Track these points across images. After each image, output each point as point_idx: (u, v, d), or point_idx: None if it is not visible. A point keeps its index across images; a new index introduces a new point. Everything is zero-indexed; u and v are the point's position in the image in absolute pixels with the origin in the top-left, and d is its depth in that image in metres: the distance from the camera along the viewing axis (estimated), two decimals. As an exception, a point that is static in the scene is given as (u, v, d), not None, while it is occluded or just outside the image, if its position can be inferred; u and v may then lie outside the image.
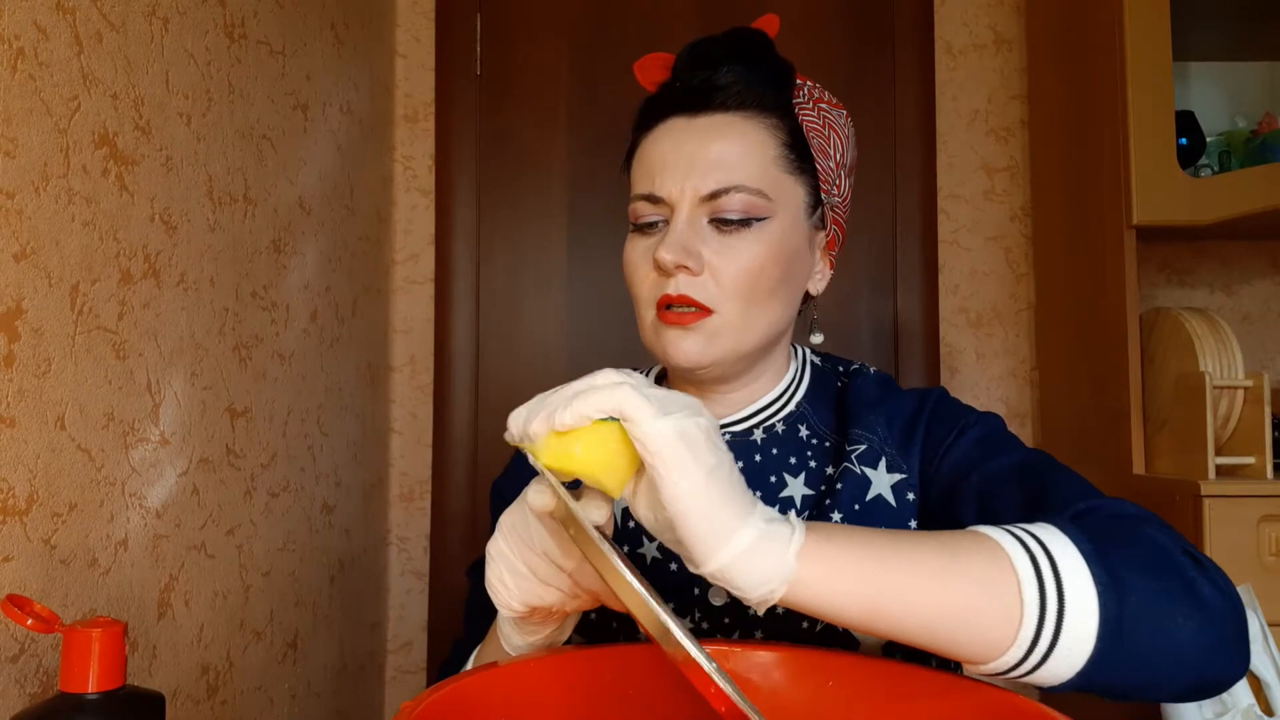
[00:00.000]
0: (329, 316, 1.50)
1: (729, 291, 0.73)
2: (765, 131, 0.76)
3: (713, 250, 0.73)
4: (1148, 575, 0.53)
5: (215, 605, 1.11)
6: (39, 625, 0.64)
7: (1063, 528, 0.54)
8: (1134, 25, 1.47)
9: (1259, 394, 1.41)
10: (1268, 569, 1.32)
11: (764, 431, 0.81)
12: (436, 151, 1.91)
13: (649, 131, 0.78)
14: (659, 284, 0.74)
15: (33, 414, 0.78)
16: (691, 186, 0.74)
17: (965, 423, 0.76)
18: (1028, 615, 0.50)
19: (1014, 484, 0.69)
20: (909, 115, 1.88)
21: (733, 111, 0.75)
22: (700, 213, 0.74)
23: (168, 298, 1.00)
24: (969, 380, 1.89)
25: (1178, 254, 1.87)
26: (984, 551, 0.52)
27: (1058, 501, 0.63)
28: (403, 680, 1.86)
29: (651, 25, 1.91)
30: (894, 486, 0.76)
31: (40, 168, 0.79)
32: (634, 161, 0.80)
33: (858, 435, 0.78)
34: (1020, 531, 0.54)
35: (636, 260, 0.77)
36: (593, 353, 1.87)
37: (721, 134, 0.75)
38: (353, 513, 1.62)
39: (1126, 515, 0.60)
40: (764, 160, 0.75)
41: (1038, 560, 0.52)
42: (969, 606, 0.50)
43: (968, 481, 0.72)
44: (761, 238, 0.74)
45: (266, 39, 1.26)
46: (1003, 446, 0.73)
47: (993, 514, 0.68)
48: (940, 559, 0.51)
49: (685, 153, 0.74)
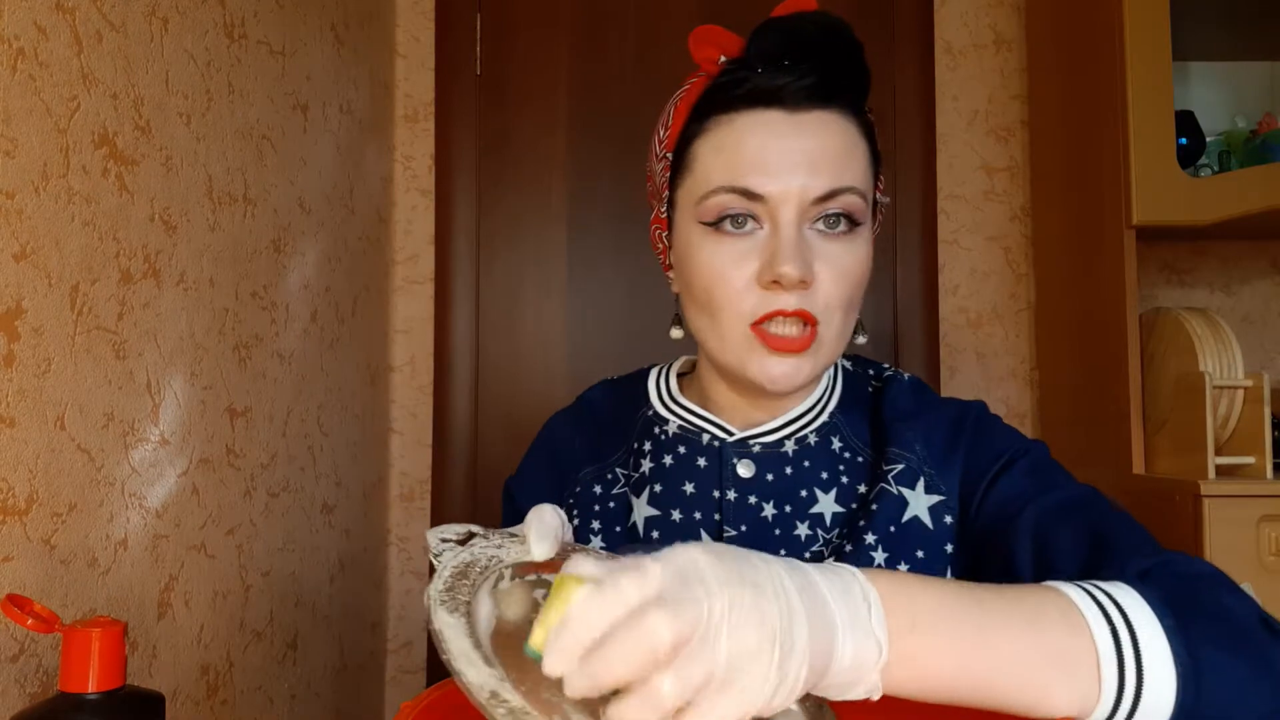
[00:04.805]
0: (329, 316, 1.50)
1: (834, 303, 0.69)
2: (858, 131, 0.72)
3: (820, 259, 0.69)
4: (1228, 652, 0.51)
5: (215, 605, 1.11)
6: (39, 625, 0.64)
7: (1146, 596, 0.53)
8: (1134, 25, 1.47)
9: (1259, 394, 1.41)
10: (1268, 569, 1.32)
11: (795, 443, 0.77)
12: (436, 151, 1.91)
13: (729, 118, 0.70)
14: (763, 298, 0.69)
15: (33, 414, 0.78)
16: (800, 186, 0.68)
17: (1015, 451, 0.73)
18: (1105, 697, 0.49)
19: (1070, 524, 0.67)
20: (909, 115, 1.89)
21: (833, 109, 0.70)
22: (806, 217, 0.69)
23: (168, 298, 1.00)
24: (969, 380, 1.89)
25: (1177, 254, 1.87)
26: (1065, 624, 0.50)
27: (1120, 551, 0.61)
28: (403, 680, 1.86)
29: (652, 25, 1.90)
30: (931, 509, 0.74)
31: (40, 167, 0.79)
32: (701, 150, 0.72)
33: (895, 454, 0.75)
34: (1102, 596, 0.52)
35: (726, 267, 0.70)
36: (592, 352, 1.87)
37: (828, 131, 0.69)
38: (353, 513, 1.62)
39: (1201, 576, 0.58)
40: (864, 161, 0.71)
41: (1119, 634, 0.50)
42: (1047, 690, 0.49)
43: (1022, 517, 0.69)
44: (862, 244, 0.71)
45: (266, 39, 1.26)
46: (1055, 480, 0.71)
47: (1048, 555, 0.66)
48: (1022, 638, 0.49)
49: (790, 149, 0.68)
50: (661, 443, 0.81)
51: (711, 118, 0.71)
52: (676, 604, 0.41)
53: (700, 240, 0.71)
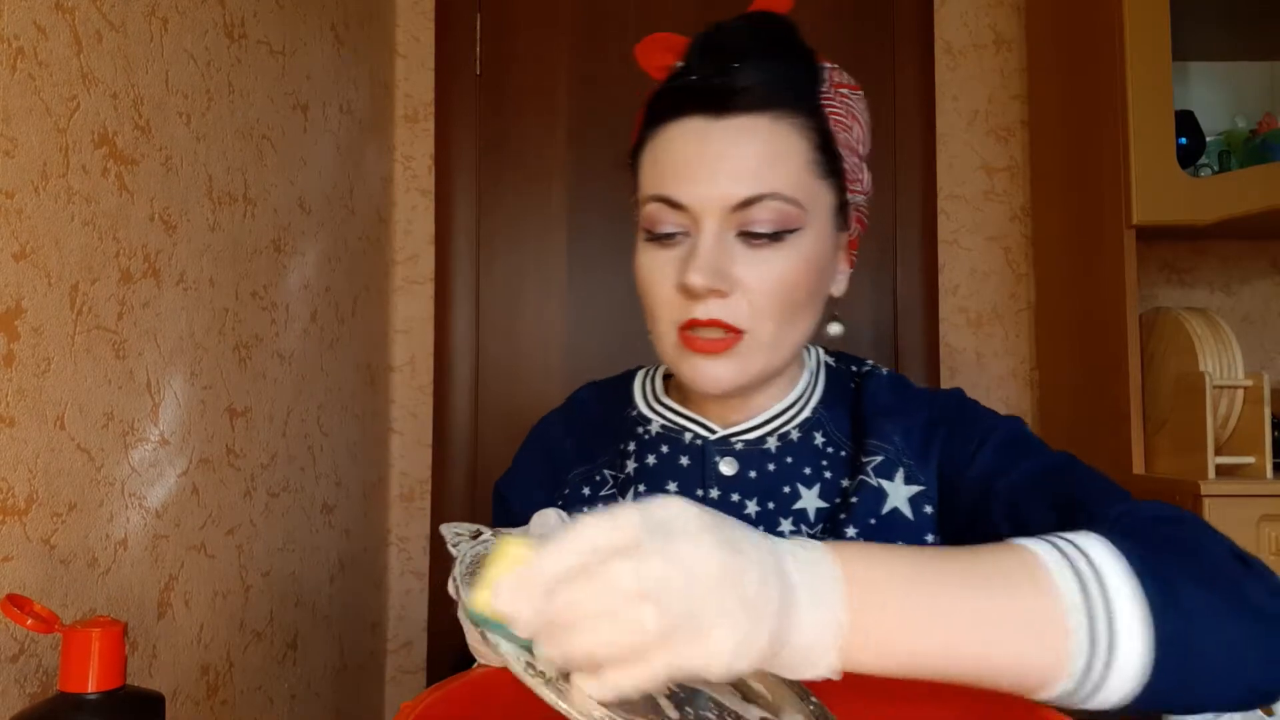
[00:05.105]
0: (329, 316, 1.50)
1: (762, 311, 0.69)
2: (796, 133, 0.69)
3: (743, 266, 0.68)
4: (1199, 586, 0.51)
5: (215, 605, 1.11)
6: (39, 625, 0.64)
7: (1111, 539, 0.52)
8: (1134, 25, 1.47)
9: (1259, 394, 1.41)
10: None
11: (778, 439, 0.77)
12: (436, 151, 1.91)
13: (663, 127, 0.71)
14: (684, 306, 0.69)
15: (32, 414, 0.78)
16: (719, 195, 0.67)
17: (986, 430, 0.73)
18: (1077, 648, 0.48)
19: (1043, 490, 0.66)
20: (909, 115, 1.88)
21: (760, 113, 0.69)
22: (728, 225, 0.68)
23: (167, 297, 1.00)
24: (969, 380, 1.89)
25: (1177, 254, 1.87)
26: (1027, 580, 0.49)
27: (1092, 505, 0.61)
28: (403, 680, 1.86)
29: (652, 25, 1.90)
30: (911, 499, 0.74)
31: (40, 167, 0.79)
32: (644, 158, 0.73)
33: (874, 446, 0.75)
34: (1067, 546, 0.51)
35: (655, 275, 0.71)
36: (592, 352, 1.87)
37: (750, 137, 0.68)
38: (353, 513, 1.62)
39: (1168, 518, 0.58)
40: (797, 166, 0.69)
41: (1086, 583, 0.49)
42: (1016, 653, 0.48)
43: (995, 491, 0.69)
44: (794, 251, 0.69)
45: (266, 39, 1.26)
46: (1028, 450, 0.71)
47: (1024, 523, 0.65)
48: (983, 601, 0.48)
49: (710, 157, 0.68)
50: (645, 443, 0.81)
51: (650, 127, 0.73)
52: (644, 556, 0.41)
53: (642, 248, 0.73)
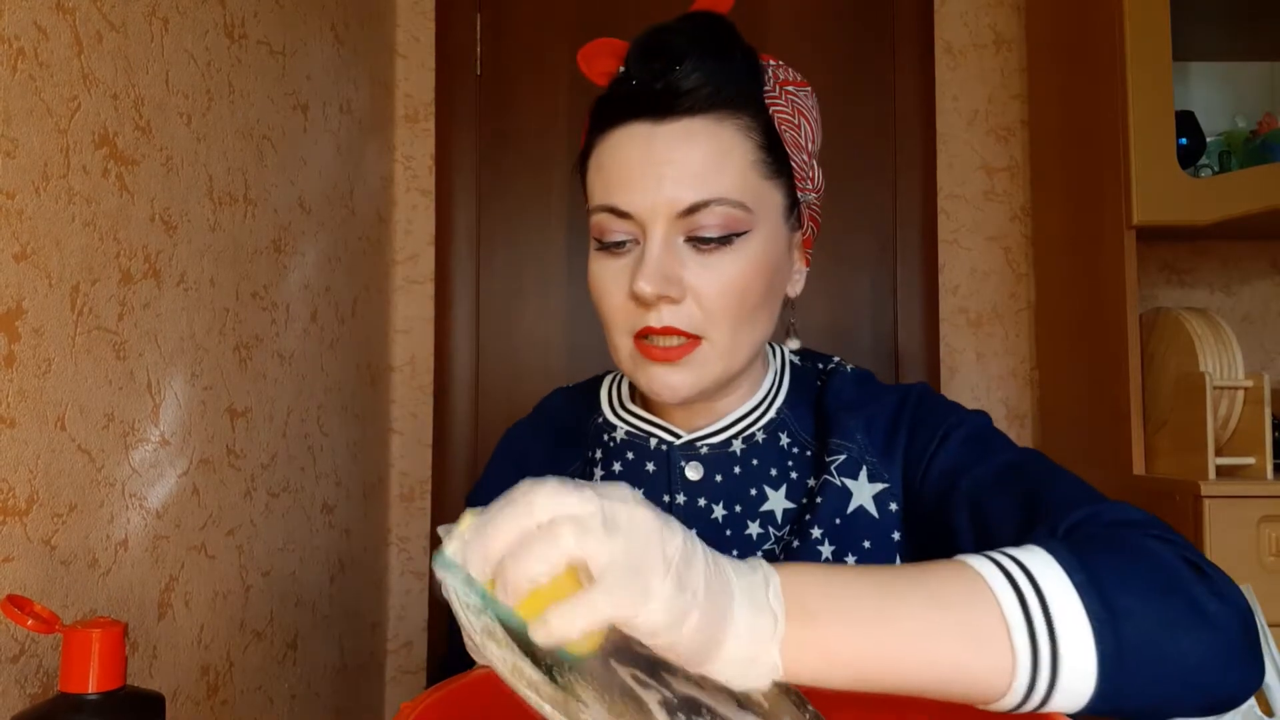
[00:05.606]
0: (329, 316, 1.50)
1: (715, 316, 0.68)
2: (739, 134, 0.69)
3: (693, 272, 0.68)
4: (1147, 596, 0.50)
5: (215, 605, 1.11)
6: (39, 626, 0.64)
7: (1054, 552, 0.51)
8: (1134, 25, 1.47)
9: (1259, 394, 1.41)
10: (1268, 569, 1.32)
11: (743, 442, 0.76)
12: (436, 151, 1.91)
13: (606, 135, 0.71)
14: (637, 314, 0.69)
15: (33, 414, 0.78)
16: (665, 201, 0.67)
17: (949, 425, 0.72)
18: (1020, 665, 0.48)
19: (1006, 489, 0.65)
20: (909, 115, 1.88)
21: (701, 115, 0.68)
22: (675, 230, 0.68)
23: (168, 298, 1.00)
24: (969, 380, 1.89)
25: (1177, 254, 1.87)
26: (969, 597, 0.49)
27: (1053, 508, 0.60)
28: (403, 680, 1.86)
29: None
30: (876, 497, 0.73)
31: (40, 168, 0.79)
32: (590, 167, 0.73)
33: (836, 445, 0.74)
34: (1008, 563, 0.51)
35: (607, 284, 0.71)
36: (592, 352, 1.87)
37: (692, 141, 0.67)
38: (353, 513, 1.62)
39: (1125, 523, 0.57)
40: (741, 167, 0.68)
41: (1026, 600, 0.49)
42: (957, 665, 0.48)
43: (957, 488, 0.68)
44: (744, 254, 0.68)
45: (266, 39, 1.26)
46: (991, 446, 0.70)
47: (985, 522, 0.65)
48: (925, 615, 0.48)
49: (653, 163, 0.67)
50: (610, 449, 0.81)
51: (594, 134, 0.72)
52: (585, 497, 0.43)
53: (593, 258, 0.72)
